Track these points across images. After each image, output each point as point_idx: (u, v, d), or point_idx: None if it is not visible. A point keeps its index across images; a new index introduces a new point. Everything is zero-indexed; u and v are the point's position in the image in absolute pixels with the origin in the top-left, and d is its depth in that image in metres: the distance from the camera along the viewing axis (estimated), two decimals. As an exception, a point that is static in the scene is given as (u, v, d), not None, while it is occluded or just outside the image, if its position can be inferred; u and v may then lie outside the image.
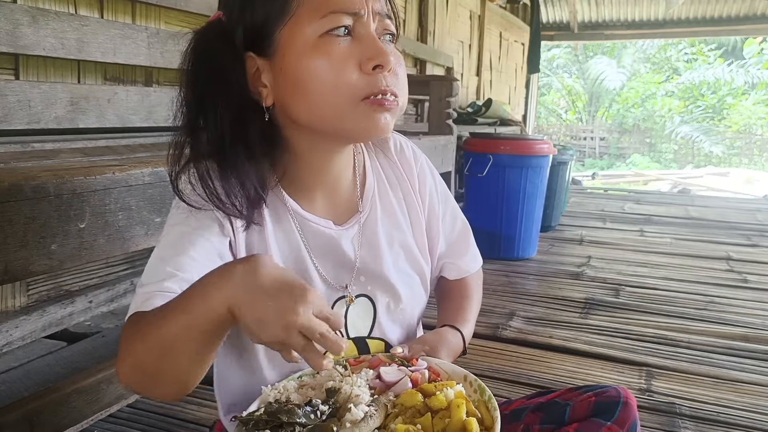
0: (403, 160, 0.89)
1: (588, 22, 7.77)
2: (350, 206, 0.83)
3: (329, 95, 0.67)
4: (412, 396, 0.68)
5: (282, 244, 0.76)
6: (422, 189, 0.90)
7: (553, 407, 0.86)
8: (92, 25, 1.67)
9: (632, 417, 0.82)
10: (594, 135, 17.84)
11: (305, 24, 0.67)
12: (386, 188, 0.87)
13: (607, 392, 0.85)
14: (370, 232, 0.83)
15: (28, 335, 1.60)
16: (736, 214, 4.95)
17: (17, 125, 1.46)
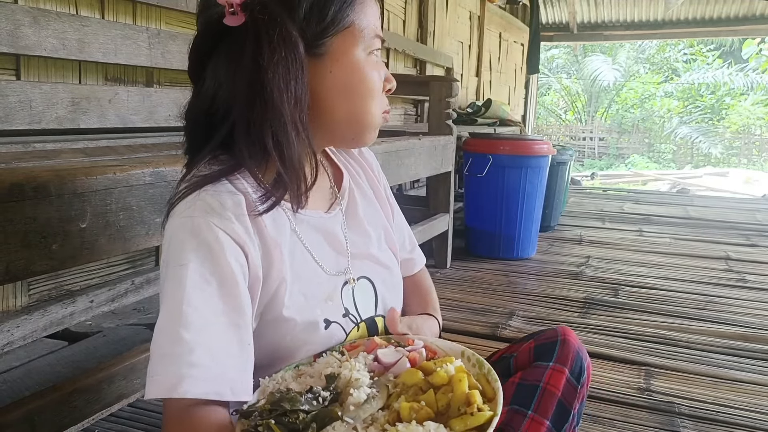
0: (364, 157, 0.97)
1: (587, 23, 7.78)
2: (329, 196, 0.87)
3: (372, 102, 0.79)
4: (412, 374, 0.68)
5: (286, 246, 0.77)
6: (383, 183, 0.97)
7: (501, 363, 0.88)
8: (93, 26, 1.67)
9: (572, 351, 0.83)
10: (593, 135, 17.85)
11: (358, 39, 0.76)
12: (357, 179, 0.93)
13: (545, 334, 0.87)
14: (353, 217, 0.87)
15: (29, 335, 1.60)
16: (735, 214, 4.96)
17: (18, 125, 1.46)
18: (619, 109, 18.64)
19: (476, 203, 3.21)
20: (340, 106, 0.77)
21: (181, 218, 0.69)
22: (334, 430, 0.61)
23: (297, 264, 0.77)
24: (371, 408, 0.64)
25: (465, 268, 2.93)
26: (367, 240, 0.87)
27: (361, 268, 0.85)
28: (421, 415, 0.63)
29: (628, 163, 16.70)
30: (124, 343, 1.63)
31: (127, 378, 1.31)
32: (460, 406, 0.64)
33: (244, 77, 0.69)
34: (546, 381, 0.82)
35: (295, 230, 0.78)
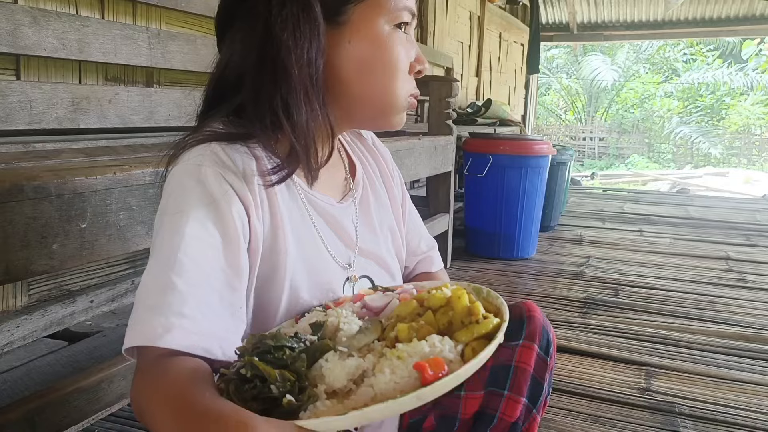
0: (379, 150, 0.94)
1: (587, 23, 7.78)
2: (342, 185, 0.84)
3: (393, 80, 0.73)
4: (406, 305, 0.64)
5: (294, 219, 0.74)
6: (397, 181, 0.94)
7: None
8: (93, 26, 1.67)
9: (539, 326, 0.82)
10: (593, 135, 17.85)
11: (383, 10, 0.71)
12: (371, 174, 0.89)
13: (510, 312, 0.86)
14: (365, 212, 0.85)
15: (30, 335, 1.60)
16: (735, 214, 4.96)
17: (18, 125, 1.46)
18: (619, 109, 18.64)
19: (476, 203, 3.21)
20: (357, 81, 0.73)
21: (187, 165, 0.66)
22: (328, 361, 0.56)
23: (305, 244, 0.74)
24: (365, 338, 0.60)
25: (465, 268, 2.93)
26: (376, 239, 0.85)
27: (365, 266, 0.83)
28: (421, 333, 0.58)
29: (628, 163, 16.70)
30: (124, 343, 1.63)
31: (127, 378, 1.31)
32: (462, 319, 0.59)
33: (255, 39, 0.68)
34: (517, 359, 0.82)
35: (308, 210, 0.76)
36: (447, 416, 0.86)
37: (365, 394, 0.53)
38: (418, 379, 0.52)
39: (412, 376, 0.52)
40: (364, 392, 0.53)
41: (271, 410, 0.52)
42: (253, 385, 0.53)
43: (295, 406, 0.52)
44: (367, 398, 0.53)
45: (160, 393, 0.55)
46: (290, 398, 0.52)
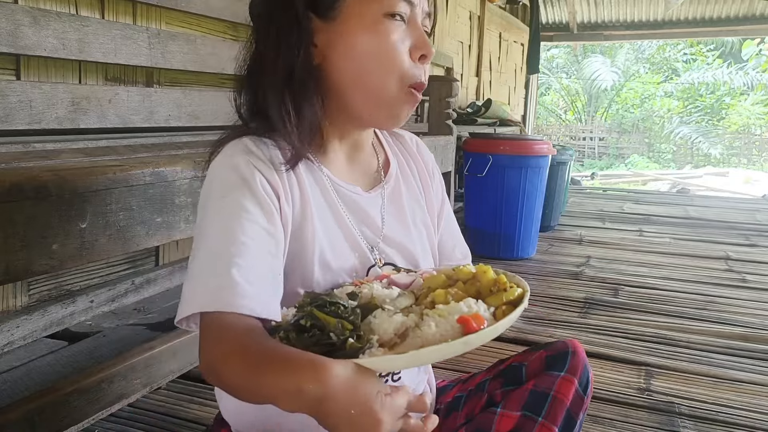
0: (422, 155, 0.95)
1: (587, 23, 7.78)
2: (372, 178, 0.87)
3: (384, 73, 0.73)
4: (435, 277, 0.70)
5: (321, 208, 0.79)
6: (436, 187, 0.96)
7: (511, 371, 0.90)
8: (93, 26, 1.67)
9: (582, 363, 0.86)
10: (593, 135, 17.85)
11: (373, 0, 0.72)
12: (408, 172, 0.92)
13: (556, 346, 0.89)
14: (396, 204, 0.87)
15: (29, 335, 1.60)
16: (735, 214, 4.96)
17: (18, 125, 1.46)
18: (619, 109, 18.64)
19: (476, 203, 3.21)
20: (348, 75, 0.74)
21: (222, 157, 0.74)
22: (376, 318, 0.62)
23: (332, 227, 0.79)
24: (405, 301, 0.66)
25: (465, 268, 2.93)
26: (406, 231, 0.87)
27: (390, 255, 0.85)
28: (457, 298, 0.64)
29: (628, 163, 16.70)
30: (124, 343, 1.63)
31: (127, 378, 1.31)
32: (490, 288, 0.67)
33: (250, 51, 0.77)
34: (557, 390, 0.85)
35: (335, 197, 0.80)
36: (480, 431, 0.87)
37: (413, 344, 0.59)
38: (460, 331, 0.59)
39: (455, 329, 0.59)
40: (412, 342, 0.59)
41: (331, 355, 0.57)
42: (312, 333, 0.60)
43: (356, 348, 0.59)
44: (416, 346, 0.58)
45: (228, 348, 0.61)
46: (352, 341, 0.59)
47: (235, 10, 2.22)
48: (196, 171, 1.24)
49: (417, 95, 0.76)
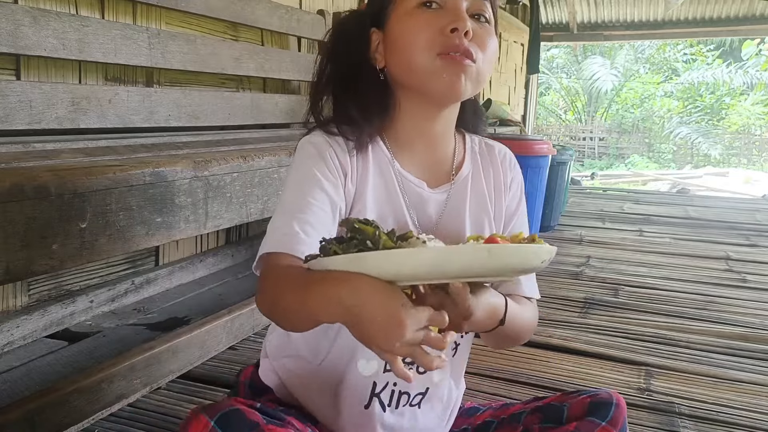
0: (505, 167, 0.98)
1: (587, 23, 7.78)
2: (443, 175, 0.92)
3: (411, 51, 0.81)
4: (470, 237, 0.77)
5: (379, 192, 0.87)
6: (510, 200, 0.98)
7: (551, 409, 0.92)
8: (93, 26, 1.67)
9: (623, 416, 0.89)
10: (593, 135, 17.84)
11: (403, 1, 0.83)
12: (481, 178, 0.95)
13: (600, 395, 0.91)
14: (458, 205, 0.91)
15: (29, 335, 1.60)
16: (735, 214, 4.96)
17: (18, 125, 1.46)
18: (619, 109, 18.63)
19: (476, 203, 3.20)
20: (395, 64, 0.85)
21: (309, 136, 0.88)
22: (409, 243, 0.67)
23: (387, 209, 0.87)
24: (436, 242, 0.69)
25: (465, 268, 2.93)
26: (460, 232, 0.90)
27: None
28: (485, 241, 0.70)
29: (628, 163, 16.70)
30: (123, 343, 1.63)
31: (126, 378, 1.31)
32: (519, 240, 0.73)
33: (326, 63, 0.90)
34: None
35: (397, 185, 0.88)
36: None
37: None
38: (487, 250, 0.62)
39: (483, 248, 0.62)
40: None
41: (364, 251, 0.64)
42: (354, 242, 0.67)
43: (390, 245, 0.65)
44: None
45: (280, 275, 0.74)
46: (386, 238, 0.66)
47: (235, 10, 2.22)
48: (196, 171, 1.24)
49: (454, 57, 0.79)
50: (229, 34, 2.34)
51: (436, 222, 0.89)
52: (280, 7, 2.49)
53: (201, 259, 2.27)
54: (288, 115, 2.54)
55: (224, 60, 2.16)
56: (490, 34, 0.84)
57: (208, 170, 1.27)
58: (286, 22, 2.54)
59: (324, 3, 3.00)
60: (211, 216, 1.28)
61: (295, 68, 2.58)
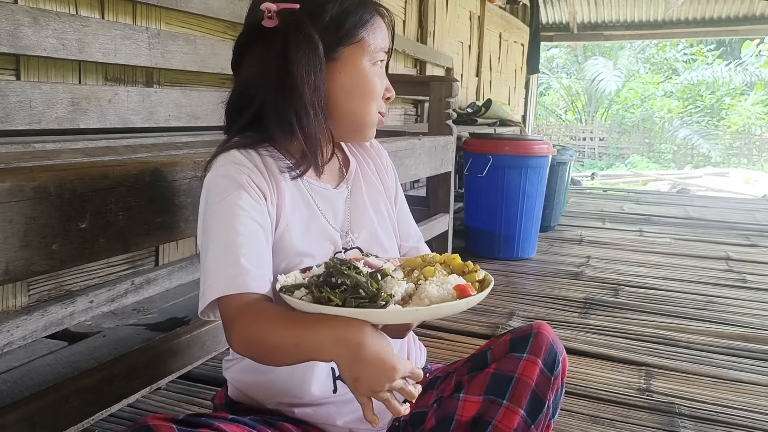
0: (378, 152, 1.11)
1: (587, 23, 7.78)
2: (337, 176, 1.01)
3: (368, 104, 0.94)
4: (412, 260, 0.86)
5: (296, 203, 0.92)
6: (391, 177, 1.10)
7: (477, 357, 0.95)
8: (93, 26, 1.67)
9: (546, 343, 0.90)
10: (593, 135, 17.83)
11: (366, 51, 0.91)
12: (365, 167, 1.06)
13: (521, 329, 0.94)
14: (359, 195, 1.01)
15: (29, 335, 1.60)
16: (735, 214, 4.96)
17: (18, 125, 1.46)
18: (619, 109, 18.63)
19: (476, 203, 3.21)
20: (344, 102, 0.92)
21: (215, 169, 0.88)
22: (387, 282, 0.76)
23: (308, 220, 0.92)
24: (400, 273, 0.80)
25: (465, 268, 2.93)
26: (367, 218, 1.00)
27: (357, 240, 0.97)
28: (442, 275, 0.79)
29: (628, 164, 16.70)
30: (123, 344, 1.63)
31: (126, 378, 1.31)
32: (462, 270, 0.82)
33: (273, 67, 0.87)
34: (520, 372, 0.88)
35: (310, 194, 0.94)
36: (446, 417, 0.91)
37: (421, 303, 0.74)
38: (455, 297, 0.74)
39: (451, 294, 0.75)
40: (420, 302, 0.74)
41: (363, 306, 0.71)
42: (343, 288, 0.73)
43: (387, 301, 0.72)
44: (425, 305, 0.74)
45: (255, 315, 0.76)
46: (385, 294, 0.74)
47: (235, 10, 2.22)
48: (196, 171, 1.24)
49: (382, 120, 0.97)
50: (229, 34, 2.34)
51: (346, 218, 0.98)
52: (280, 7, 2.49)
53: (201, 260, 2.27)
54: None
55: (224, 60, 2.16)
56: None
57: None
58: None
59: (324, 3, 2.99)
60: (211, 216, 1.28)
61: (295, 68, 2.57)
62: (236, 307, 0.78)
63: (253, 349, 0.77)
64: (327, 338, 0.70)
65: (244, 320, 0.76)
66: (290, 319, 0.74)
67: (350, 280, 0.73)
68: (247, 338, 0.76)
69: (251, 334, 0.76)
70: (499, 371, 0.89)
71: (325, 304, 0.72)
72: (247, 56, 0.91)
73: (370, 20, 0.93)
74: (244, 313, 0.77)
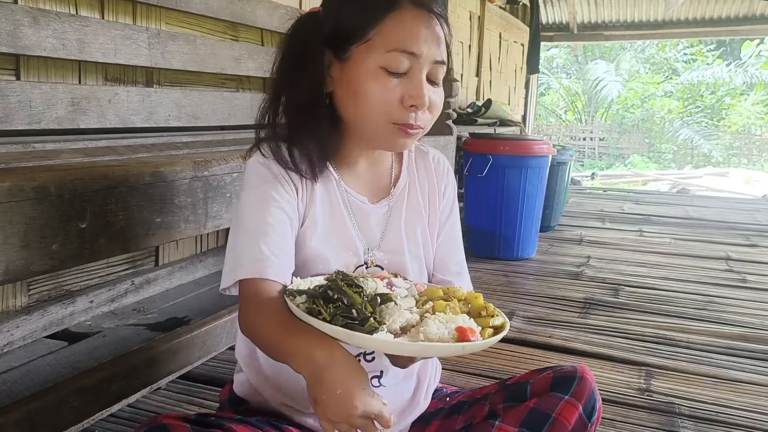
0: (440, 173, 1.03)
1: (587, 23, 7.77)
2: (382, 190, 0.97)
3: (372, 113, 0.84)
4: (434, 291, 0.83)
5: (326, 208, 0.91)
6: (444, 205, 1.03)
7: (516, 387, 0.93)
8: (93, 26, 1.67)
9: (588, 389, 0.89)
10: (593, 135, 17.83)
11: (374, 51, 0.82)
12: (416, 187, 1.00)
13: (564, 369, 0.92)
14: (398, 216, 0.96)
15: (29, 335, 1.60)
16: (735, 214, 4.96)
17: (18, 126, 1.46)
18: (619, 109, 18.62)
19: (476, 203, 3.21)
20: (348, 104, 0.87)
21: (257, 155, 0.90)
22: (388, 308, 0.74)
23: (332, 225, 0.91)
24: (410, 302, 0.78)
25: (465, 268, 2.93)
26: (397, 241, 0.95)
27: (381, 259, 0.94)
28: (454, 312, 0.77)
29: (628, 164, 16.69)
30: (123, 344, 1.63)
31: (126, 378, 1.31)
32: (480, 311, 0.79)
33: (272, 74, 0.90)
34: (558, 412, 0.86)
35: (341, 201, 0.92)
36: None
37: (415, 337, 0.71)
38: (454, 338, 0.72)
39: (452, 334, 0.72)
40: (415, 336, 0.72)
41: (350, 327, 0.69)
42: (337, 305, 0.72)
43: (374, 327, 0.70)
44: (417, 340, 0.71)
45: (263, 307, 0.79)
46: (373, 320, 0.71)
47: (235, 10, 2.22)
48: (196, 171, 1.24)
49: (406, 130, 0.85)
50: (229, 34, 2.34)
51: (380, 238, 0.94)
52: (280, 7, 2.49)
53: (201, 259, 2.27)
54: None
55: (224, 60, 2.16)
56: (440, 96, 0.88)
57: (208, 170, 1.27)
58: (286, 22, 2.53)
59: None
60: (211, 216, 1.28)
61: (295, 68, 2.57)
62: (251, 293, 0.81)
63: (252, 337, 0.82)
64: (300, 350, 0.71)
65: (252, 309, 0.80)
66: (284, 321, 0.75)
67: (347, 299, 0.72)
68: (250, 326, 0.81)
69: (253, 323, 0.80)
70: (538, 407, 0.87)
71: (315, 317, 0.71)
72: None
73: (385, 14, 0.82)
74: (255, 302, 0.80)
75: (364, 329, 0.70)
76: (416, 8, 0.82)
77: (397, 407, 0.95)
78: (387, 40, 0.81)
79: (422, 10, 0.82)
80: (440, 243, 1.02)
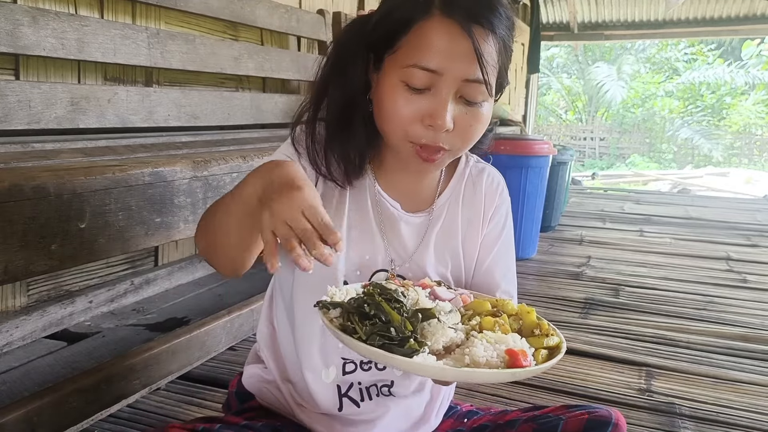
0: (490, 194, 0.98)
1: (588, 23, 7.77)
2: (423, 202, 0.93)
3: (390, 127, 0.81)
4: (481, 304, 0.76)
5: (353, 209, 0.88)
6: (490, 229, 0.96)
7: (548, 421, 0.90)
8: (92, 26, 1.67)
9: None
10: (594, 135, 17.83)
11: (398, 63, 0.78)
12: (459, 205, 0.95)
13: (599, 412, 0.89)
14: (430, 232, 0.91)
15: (29, 335, 1.60)
16: (735, 214, 4.96)
17: (17, 125, 1.46)
18: (619, 109, 18.62)
19: (476, 203, 3.20)
20: (376, 115, 0.84)
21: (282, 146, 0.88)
22: (431, 326, 0.68)
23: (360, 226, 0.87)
24: (455, 318, 0.71)
25: (465, 268, 2.93)
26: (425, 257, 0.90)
27: (404, 271, 0.89)
28: (503, 330, 0.70)
29: (629, 163, 16.69)
30: (123, 344, 1.63)
31: (126, 378, 1.31)
32: (533, 330, 0.73)
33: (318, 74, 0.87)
34: None
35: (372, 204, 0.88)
36: None
37: (460, 360, 0.65)
38: (505, 362, 0.64)
39: (501, 357, 0.65)
40: (459, 358, 0.65)
41: (387, 347, 0.63)
42: (374, 322, 0.65)
43: (414, 349, 0.63)
44: (463, 363, 0.64)
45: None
46: (413, 342, 0.64)
47: (234, 10, 2.22)
48: (195, 171, 1.24)
49: (421, 152, 0.80)
50: (228, 34, 2.34)
51: (408, 243, 0.89)
52: (279, 6, 2.49)
53: (200, 260, 2.27)
54: (287, 115, 2.53)
55: (224, 60, 2.16)
56: (476, 117, 0.82)
57: (207, 170, 1.27)
58: (285, 22, 2.54)
59: (324, 3, 2.99)
60: (211, 216, 1.28)
61: (294, 68, 2.58)
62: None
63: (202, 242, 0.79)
64: (251, 176, 0.70)
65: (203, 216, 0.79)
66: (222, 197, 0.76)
67: (384, 316, 0.65)
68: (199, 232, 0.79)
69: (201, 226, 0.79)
70: None
71: (350, 334, 0.65)
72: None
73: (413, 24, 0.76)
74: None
75: (404, 351, 0.63)
76: (446, 18, 0.74)
77: (405, 424, 0.92)
78: (408, 53, 0.76)
79: (453, 21, 0.74)
80: (488, 266, 0.95)
